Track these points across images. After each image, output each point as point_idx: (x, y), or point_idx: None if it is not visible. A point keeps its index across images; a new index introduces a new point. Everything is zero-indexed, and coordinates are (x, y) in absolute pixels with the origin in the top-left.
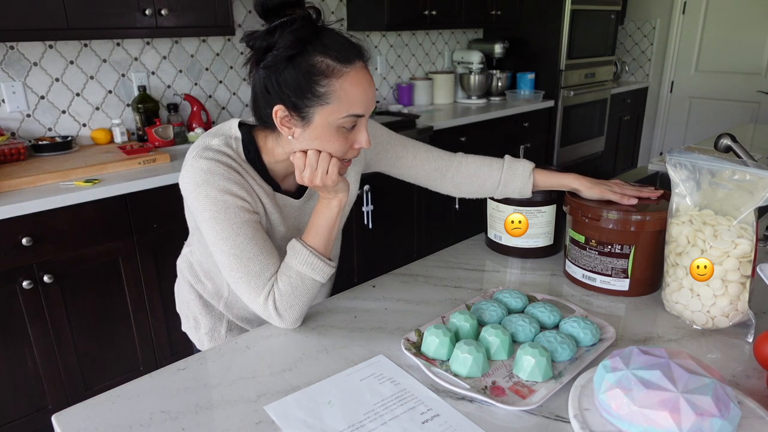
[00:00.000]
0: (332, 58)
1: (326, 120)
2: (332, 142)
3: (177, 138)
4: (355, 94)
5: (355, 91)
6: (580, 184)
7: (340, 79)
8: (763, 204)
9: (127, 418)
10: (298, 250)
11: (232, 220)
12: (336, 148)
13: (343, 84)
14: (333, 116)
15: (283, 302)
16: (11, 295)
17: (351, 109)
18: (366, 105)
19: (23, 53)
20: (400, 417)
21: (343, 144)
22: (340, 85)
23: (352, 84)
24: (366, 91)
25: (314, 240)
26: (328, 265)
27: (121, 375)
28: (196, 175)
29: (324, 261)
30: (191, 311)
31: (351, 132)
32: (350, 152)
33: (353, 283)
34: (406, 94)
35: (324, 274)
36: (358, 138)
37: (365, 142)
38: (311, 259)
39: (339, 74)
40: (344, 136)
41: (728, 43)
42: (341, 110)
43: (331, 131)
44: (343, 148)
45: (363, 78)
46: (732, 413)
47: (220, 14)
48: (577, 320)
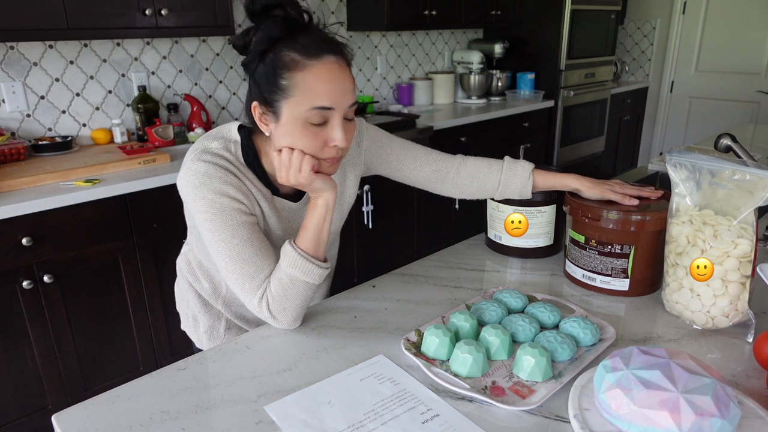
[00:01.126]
0: (298, 52)
1: (292, 114)
2: (302, 138)
3: (177, 138)
4: (319, 86)
5: (318, 84)
6: (581, 185)
7: (303, 71)
8: (763, 204)
9: (127, 418)
10: (288, 252)
11: (228, 223)
12: (306, 145)
13: (305, 76)
14: (298, 109)
15: (275, 305)
16: (11, 295)
17: (314, 101)
18: (332, 99)
19: (23, 53)
20: (400, 417)
21: (313, 140)
22: (302, 78)
23: (315, 76)
24: (332, 85)
25: (303, 242)
26: (318, 267)
27: (121, 375)
28: (194, 177)
29: (313, 263)
30: (190, 310)
31: (323, 129)
32: (327, 150)
33: (353, 283)
34: (406, 94)
35: (314, 275)
36: (332, 135)
37: (339, 140)
38: (300, 262)
39: (302, 67)
40: (314, 132)
41: (728, 43)
42: (305, 103)
43: (298, 126)
44: (315, 145)
45: (329, 71)
46: (732, 413)
47: (220, 14)
48: (577, 320)
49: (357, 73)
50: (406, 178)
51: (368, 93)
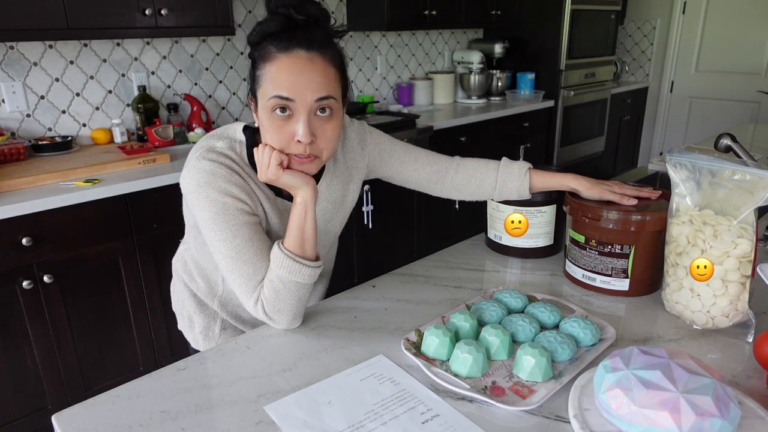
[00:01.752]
0: (273, 45)
1: (261, 104)
2: (268, 129)
3: (177, 138)
4: (281, 77)
5: (280, 75)
6: (580, 185)
7: (272, 63)
8: (763, 204)
9: (127, 418)
10: (275, 253)
11: (231, 222)
12: (272, 137)
13: (272, 68)
14: (264, 99)
15: (269, 306)
16: (11, 295)
17: (274, 90)
18: (292, 89)
19: (23, 53)
20: (400, 417)
21: (277, 133)
22: (269, 69)
23: (280, 68)
24: (293, 76)
25: (289, 242)
26: (306, 266)
27: (121, 375)
28: (198, 175)
29: (301, 263)
30: (186, 310)
31: (288, 122)
32: (293, 146)
33: (353, 283)
34: (406, 94)
35: (304, 275)
36: (295, 129)
37: (300, 134)
38: (287, 262)
39: (273, 59)
40: (278, 124)
41: (728, 43)
42: (268, 92)
43: (265, 117)
44: (280, 138)
45: (294, 64)
46: (732, 413)
47: (220, 14)
48: (577, 320)
49: (357, 73)
50: (406, 179)
51: (368, 93)
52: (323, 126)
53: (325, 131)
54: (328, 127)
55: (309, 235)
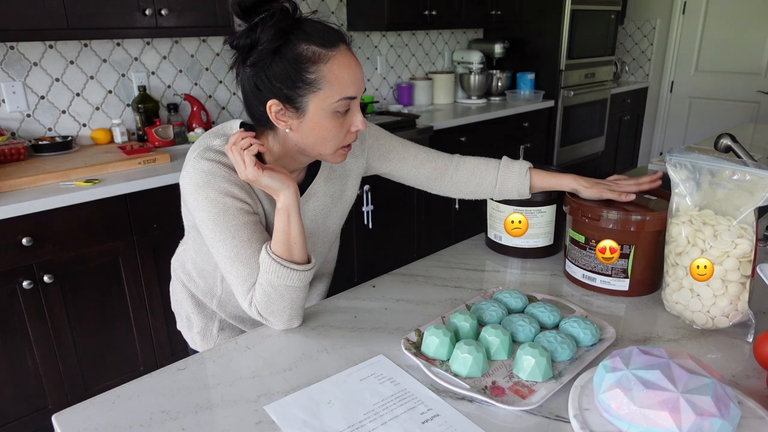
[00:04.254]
0: (316, 44)
1: (320, 107)
2: (330, 129)
3: (177, 138)
4: (345, 76)
5: (344, 74)
6: (578, 185)
7: (328, 63)
8: (763, 204)
9: (127, 418)
10: (263, 257)
11: (230, 223)
12: (334, 135)
13: (331, 68)
14: (326, 102)
15: (263, 309)
16: (11, 295)
17: (343, 91)
18: (356, 86)
19: (23, 53)
20: (400, 417)
21: (340, 130)
22: (329, 69)
23: (340, 67)
24: (355, 72)
25: (276, 246)
26: (294, 270)
27: (121, 375)
28: (197, 176)
29: (287, 267)
30: (184, 310)
31: (346, 116)
32: (348, 137)
33: (353, 283)
34: (406, 94)
35: (292, 279)
36: (354, 121)
37: (360, 123)
38: (274, 267)
39: (326, 59)
40: (340, 121)
41: (728, 43)
42: (333, 94)
43: (327, 118)
44: (341, 134)
45: (349, 60)
46: (732, 413)
47: (220, 14)
48: (577, 320)
49: None
50: (406, 176)
51: (368, 93)
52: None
53: None
54: None
55: (296, 239)
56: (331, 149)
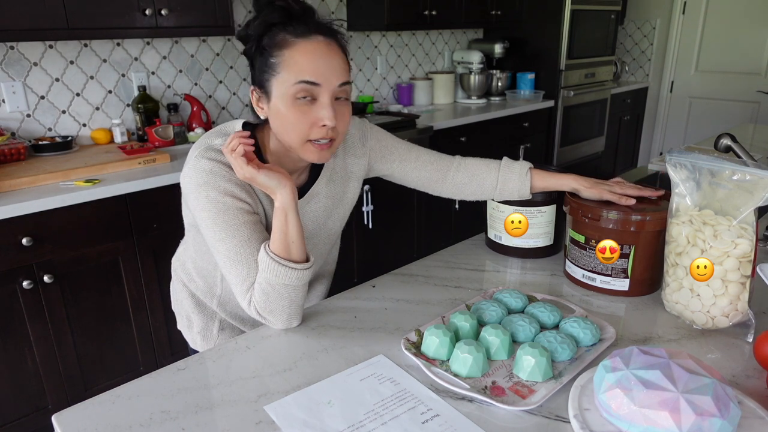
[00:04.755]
0: (288, 32)
1: (280, 91)
2: (289, 117)
3: (177, 138)
4: (305, 61)
5: (304, 59)
6: (579, 185)
7: (291, 49)
8: (763, 204)
9: (127, 418)
10: (262, 256)
11: (230, 223)
12: (295, 123)
13: (293, 53)
14: (284, 86)
15: (261, 308)
16: (11, 295)
17: (299, 75)
18: (318, 74)
19: (23, 53)
20: (400, 417)
21: (301, 118)
22: (290, 54)
23: (302, 53)
24: (318, 61)
25: (274, 245)
26: (292, 270)
27: (121, 375)
28: (198, 175)
29: (286, 266)
30: (184, 310)
31: (312, 107)
32: (316, 131)
33: (353, 283)
34: (406, 94)
35: (291, 278)
36: (320, 113)
37: (328, 118)
38: (272, 266)
39: (291, 45)
40: (302, 110)
41: (728, 43)
42: (290, 78)
43: (286, 104)
44: (303, 124)
45: (317, 48)
46: (732, 413)
47: (220, 14)
48: (577, 320)
49: (357, 73)
50: (407, 178)
51: (368, 93)
52: (342, 110)
53: (344, 115)
54: (346, 111)
55: (294, 238)
56: (295, 141)
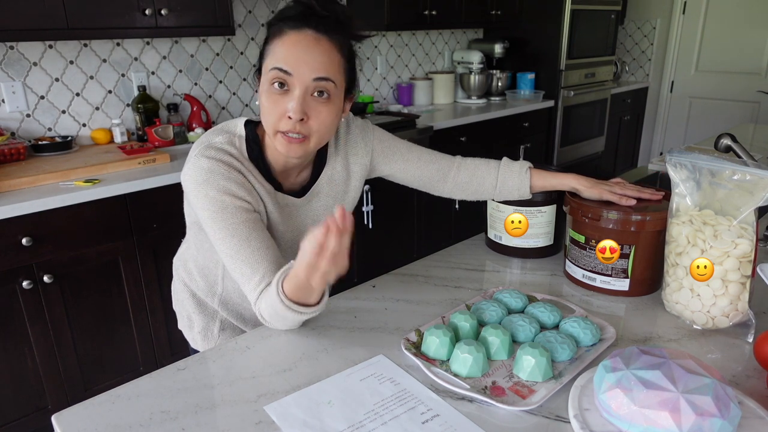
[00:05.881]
0: (287, 25)
1: (262, 78)
2: (264, 102)
3: (177, 138)
4: (284, 50)
5: (284, 49)
6: (579, 184)
7: (280, 38)
8: (763, 204)
9: (127, 418)
10: (272, 287)
11: (229, 221)
12: (268, 112)
13: (277, 42)
14: (265, 72)
15: (268, 320)
16: (11, 295)
17: (274, 62)
18: (291, 63)
19: (23, 53)
20: (400, 417)
21: (272, 105)
22: (276, 43)
23: (284, 42)
24: (296, 51)
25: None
26: (294, 312)
27: (121, 375)
28: (198, 174)
29: (290, 309)
30: (185, 310)
31: (283, 97)
32: (283, 122)
33: (353, 283)
34: (406, 94)
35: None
36: (288, 105)
37: (291, 110)
38: (281, 308)
39: (282, 35)
40: (275, 97)
41: (728, 43)
42: (269, 64)
43: (264, 90)
44: (274, 112)
45: (302, 40)
46: (732, 413)
47: (220, 14)
48: (577, 320)
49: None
50: (409, 178)
51: (368, 93)
52: (318, 107)
53: (320, 113)
54: (323, 110)
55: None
56: (269, 129)
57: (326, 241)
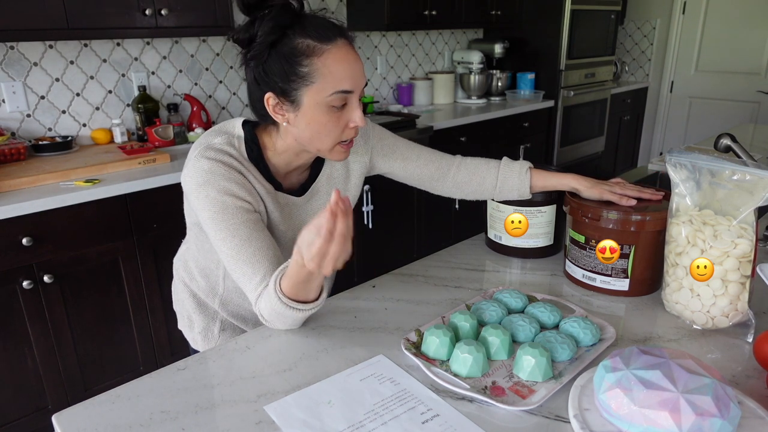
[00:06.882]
0: (312, 38)
1: (314, 100)
2: (325, 123)
3: (177, 138)
4: (339, 70)
5: (338, 68)
6: (579, 184)
7: (322, 56)
8: (763, 204)
9: (127, 418)
10: (270, 286)
11: (229, 222)
12: (330, 130)
13: (325, 61)
14: (320, 95)
15: (268, 319)
16: (11, 295)
17: (337, 85)
18: (352, 81)
19: (23, 53)
20: (400, 417)
21: (336, 124)
22: (323, 63)
23: (334, 60)
24: (351, 67)
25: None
26: (294, 310)
27: (121, 375)
28: (198, 175)
29: (289, 306)
30: (185, 310)
31: (343, 111)
32: (346, 132)
33: (353, 283)
34: (406, 94)
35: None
36: (352, 116)
37: (359, 119)
38: (279, 305)
39: (320, 52)
40: (336, 116)
41: (728, 43)
42: (327, 88)
43: (321, 112)
44: (338, 129)
45: (346, 54)
46: (732, 413)
47: (220, 14)
48: (577, 320)
49: None
50: (409, 176)
51: (368, 93)
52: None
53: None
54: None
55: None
56: (328, 145)
57: (335, 225)
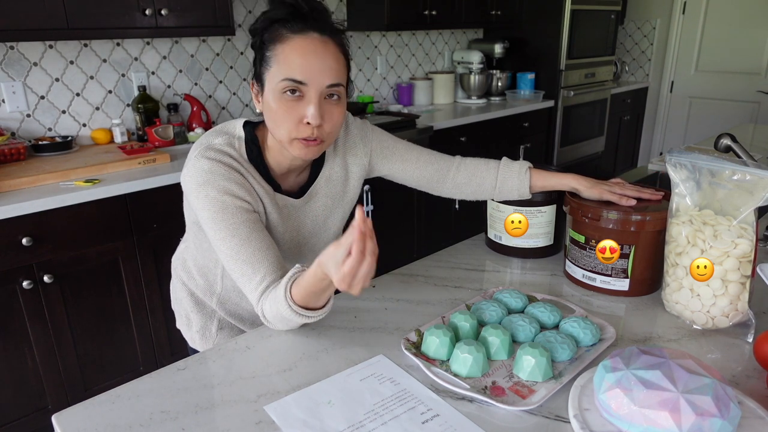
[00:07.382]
0: (288, 28)
1: (270, 86)
2: (276, 111)
3: (177, 138)
4: (294, 58)
5: (294, 56)
6: (579, 184)
7: (284, 44)
8: (763, 204)
9: (127, 418)
10: (280, 292)
11: (229, 221)
12: (282, 120)
13: (284, 48)
14: (274, 80)
15: (271, 321)
16: (11, 295)
17: (287, 72)
18: (307, 73)
19: (23, 53)
20: (400, 417)
21: (287, 115)
22: (282, 50)
23: (293, 49)
24: (308, 60)
25: (297, 291)
26: (302, 317)
27: (121, 375)
28: (198, 174)
29: (299, 314)
30: (183, 309)
31: (298, 103)
32: (301, 128)
33: None
34: (406, 94)
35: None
36: (304, 111)
37: (311, 116)
38: (288, 312)
39: (285, 40)
40: (288, 105)
41: (728, 43)
42: (279, 74)
43: (274, 99)
44: (290, 122)
45: (310, 45)
46: (732, 413)
47: (220, 14)
48: (577, 320)
49: (357, 73)
50: (408, 178)
51: (368, 93)
52: (331, 110)
53: (333, 115)
54: (336, 111)
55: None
56: (283, 136)
57: (365, 245)
